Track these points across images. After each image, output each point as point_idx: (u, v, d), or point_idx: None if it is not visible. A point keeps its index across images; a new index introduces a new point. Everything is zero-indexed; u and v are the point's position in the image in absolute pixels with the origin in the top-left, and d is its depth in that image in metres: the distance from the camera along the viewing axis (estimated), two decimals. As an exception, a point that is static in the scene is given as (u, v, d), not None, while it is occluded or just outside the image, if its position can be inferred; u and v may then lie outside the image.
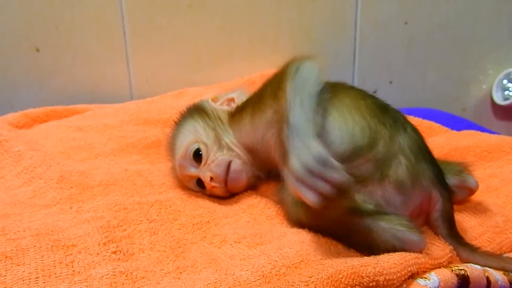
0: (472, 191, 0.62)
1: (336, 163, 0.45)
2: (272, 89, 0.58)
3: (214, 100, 0.70)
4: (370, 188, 0.51)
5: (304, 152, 0.46)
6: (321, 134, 0.51)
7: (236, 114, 0.65)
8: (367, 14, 1.13)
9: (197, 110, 0.68)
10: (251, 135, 0.62)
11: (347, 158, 0.51)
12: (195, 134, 0.65)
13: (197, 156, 0.64)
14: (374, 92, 1.17)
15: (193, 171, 0.64)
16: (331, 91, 0.57)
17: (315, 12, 1.11)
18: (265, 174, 0.66)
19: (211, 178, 0.62)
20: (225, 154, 0.63)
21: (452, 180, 0.59)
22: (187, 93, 1.01)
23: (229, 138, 0.64)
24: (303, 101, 0.51)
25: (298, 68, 0.55)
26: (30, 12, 0.99)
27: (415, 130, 0.56)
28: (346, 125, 0.54)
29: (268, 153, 0.61)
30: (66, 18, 1.01)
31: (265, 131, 0.60)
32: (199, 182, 0.65)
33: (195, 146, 0.64)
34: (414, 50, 1.18)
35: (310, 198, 0.44)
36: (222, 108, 0.68)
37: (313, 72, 0.56)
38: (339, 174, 0.44)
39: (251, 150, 0.64)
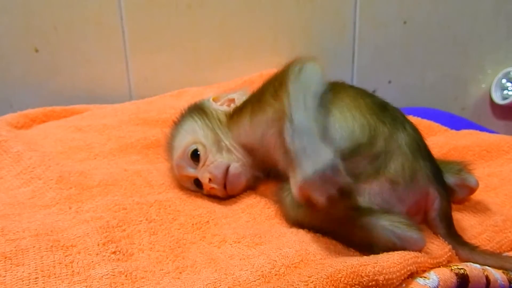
0: (472, 190, 0.62)
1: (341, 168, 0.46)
2: (273, 88, 0.58)
3: (215, 99, 0.70)
4: (368, 185, 0.51)
5: (316, 158, 0.46)
6: (323, 133, 0.51)
7: (235, 115, 0.65)
8: (366, 14, 1.13)
9: (197, 110, 0.68)
10: (251, 135, 0.62)
11: (347, 155, 0.51)
12: (194, 134, 0.65)
13: (195, 156, 0.64)
14: (373, 91, 1.16)
15: (191, 171, 0.64)
16: (331, 90, 0.57)
17: (314, 12, 1.11)
18: (264, 173, 0.66)
19: (210, 180, 0.62)
20: (224, 157, 0.63)
21: (452, 179, 0.59)
22: (186, 93, 1.01)
23: (228, 139, 0.64)
24: (307, 100, 0.51)
25: (301, 68, 0.55)
26: (29, 12, 0.99)
27: (414, 128, 0.56)
28: (346, 123, 0.54)
29: (267, 152, 0.61)
30: (65, 18, 1.01)
31: (265, 130, 0.60)
32: (197, 182, 0.65)
33: (193, 147, 0.64)
34: (413, 50, 1.18)
35: (320, 200, 0.45)
36: (222, 108, 0.68)
37: (317, 73, 0.56)
38: (344, 178, 0.45)
39: (250, 150, 0.64)
